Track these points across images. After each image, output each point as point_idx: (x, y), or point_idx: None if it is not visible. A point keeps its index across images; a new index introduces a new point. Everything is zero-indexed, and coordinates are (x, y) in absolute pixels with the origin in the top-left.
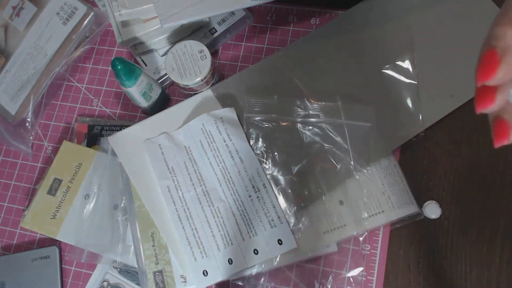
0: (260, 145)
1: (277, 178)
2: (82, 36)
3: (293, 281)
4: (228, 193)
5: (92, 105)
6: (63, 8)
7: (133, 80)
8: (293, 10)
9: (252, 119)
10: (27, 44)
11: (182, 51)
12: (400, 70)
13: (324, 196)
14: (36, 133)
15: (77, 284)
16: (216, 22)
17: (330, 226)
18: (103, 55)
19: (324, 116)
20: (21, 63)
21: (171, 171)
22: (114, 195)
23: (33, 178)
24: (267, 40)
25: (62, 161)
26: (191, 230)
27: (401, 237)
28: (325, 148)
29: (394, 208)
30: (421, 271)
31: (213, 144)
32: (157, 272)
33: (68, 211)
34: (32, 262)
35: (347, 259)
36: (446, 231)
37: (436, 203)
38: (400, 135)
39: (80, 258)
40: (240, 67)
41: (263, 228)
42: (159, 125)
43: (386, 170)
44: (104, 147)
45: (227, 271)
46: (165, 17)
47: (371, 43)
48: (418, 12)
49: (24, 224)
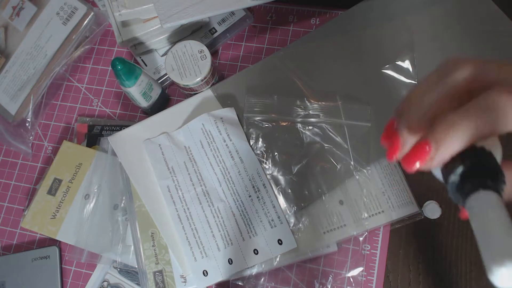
0: (260, 145)
1: (277, 178)
2: (82, 36)
3: (293, 281)
4: (228, 193)
5: (92, 105)
6: (63, 8)
7: (133, 80)
8: (293, 10)
9: (252, 119)
10: (27, 44)
11: (182, 51)
12: (400, 70)
13: (324, 196)
14: (36, 133)
15: (77, 284)
16: (216, 22)
17: (330, 226)
18: (103, 55)
19: (324, 116)
20: (21, 63)
21: (171, 171)
22: (114, 195)
23: (33, 178)
24: (267, 40)
25: (62, 161)
26: (191, 230)
27: (401, 237)
28: (325, 148)
29: (394, 208)
30: (421, 271)
31: (213, 144)
32: (157, 272)
33: (68, 211)
34: (32, 262)
35: (347, 259)
36: (446, 231)
37: (436, 203)
38: None
39: (80, 258)
40: (240, 67)
41: (263, 228)
42: (159, 125)
43: (386, 170)
44: (104, 147)
45: (227, 271)
46: (165, 17)
47: (371, 43)
48: (418, 12)
49: (24, 224)
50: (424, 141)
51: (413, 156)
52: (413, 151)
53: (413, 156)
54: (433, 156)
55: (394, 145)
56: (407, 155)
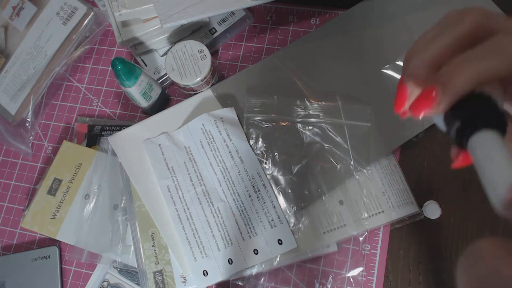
0: (260, 145)
1: (277, 178)
2: (82, 36)
3: (293, 281)
4: (228, 193)
5: (92, 105)
6: (63, 8)
7: (133, 80)
8: (293, 10)
9: (252, 119)
10: (27, 44)
11: (182, 51)
12: (400, 70)
13: (324, 196)
14: (36, 133)
15: (77, 284)
16: (216, 22)
17: (330, 226)
18: (103, 55)
19: (324, 116)
20: (21, 63)
21: (171, 171)
22: (114, 195)
23: (33, 178)
24: (267, 40)
25: (62, 161)
26: (191, 230)
27: (401, 237)
28: (325, 148)
29: (394, 208)
30: (421, 271)
31: (213, 144)
32: (157, 272)
33: (68, 211)
34: (32, 262)
35: (347, 259)
36: (446, 231)
37: (436, 203)
38: (400, 135)
39: (80, 258)
40: (240, 67)
41: (263, 228)
42: (159, 125)
43: (386, 170)
44: (104, 147)
45: (227, 271)
46: (165, 17)
47: (371, 43)
48: (418, 12)
49: (24, 224)
50: (430, 87)
51: (420, 102)
52: (420, 97)
53: (420, 102)
54: (440, 100)
55: (401, 96)
56: (414, 102)
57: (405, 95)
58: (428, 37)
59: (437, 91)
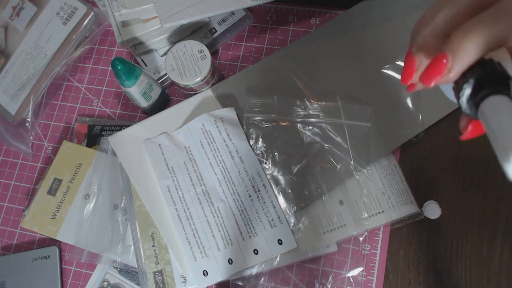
0: (260, 145)
1: (277, 178)
2: (82, 36)
3: (293, 281)
4: (228, 193)
5: (92, 105)
6: (63, 8)
7: (133, 80)
8: (293, 10)
9: (252, 119)
10: (27, 44)
11: (182, 51)
12: (400, 70)
13: (324, 196)
14: (36, 133)
15: (77, 284)
16: (216, 22)
17: (330, 226)
18: (103, 55)
19: (324, 116)
20: (21, 63)
21: (171, 171)
22: (114, 195)
23: (33, 178)
24: (267, 40)
25: (62, 161)
26: (191, 230)
27: (401, 237)
28: (325, 148)
29: (394, 208)
30: (421, 271)
31: (213, 144)
32: (157, 272)
33: (68, 211)
34: (32, 262)
35: (347, 259)
36: (446, 231)
37: (436, 203)
38: (400, 135)
39: (80, 258)
40: (240, 67)
41: (263, 228)
42: (159, 125)
43: (386, 170)
44: (104, 147)
45: (227, 271)
46: (165, 17)
47: (371, 43)
48: (418, 12)
49: (24, 224)
50: (441, 55)
51: (431, 71)
52: (430, 66)
53: (432, 71)
54: (450, 67)
55: (409, 68)
56: (425, 71)
57: (414, 67)
58: (436, 8)
59: (448, 58)
